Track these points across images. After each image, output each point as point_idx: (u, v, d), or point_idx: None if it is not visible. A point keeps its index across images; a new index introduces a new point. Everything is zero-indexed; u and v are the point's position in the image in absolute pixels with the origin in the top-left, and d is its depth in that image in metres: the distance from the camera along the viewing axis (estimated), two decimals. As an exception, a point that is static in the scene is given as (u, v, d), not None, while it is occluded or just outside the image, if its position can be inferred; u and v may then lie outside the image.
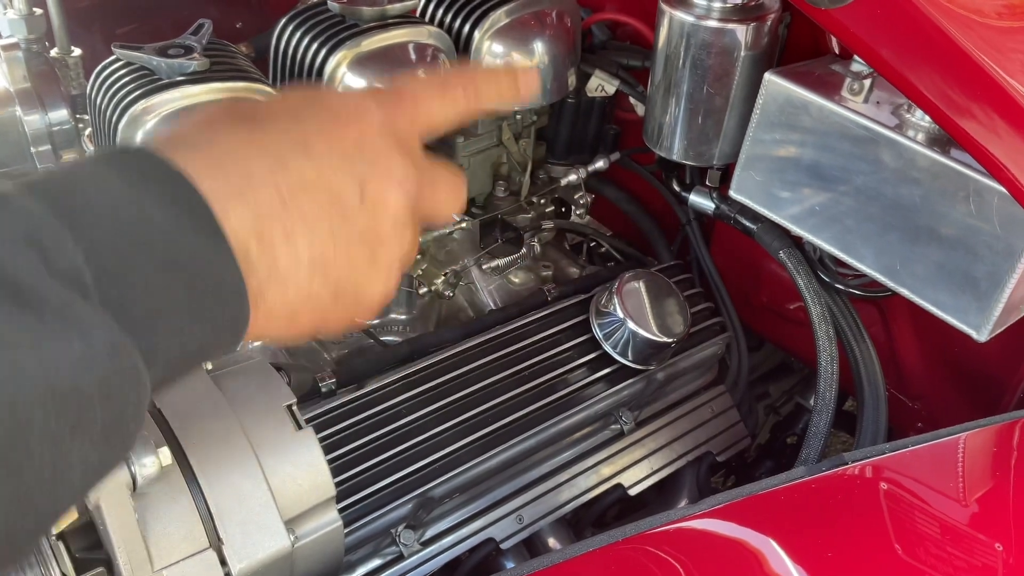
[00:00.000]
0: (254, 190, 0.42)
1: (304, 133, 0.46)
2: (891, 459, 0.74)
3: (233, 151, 0.43)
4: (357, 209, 0.46)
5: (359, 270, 0.48)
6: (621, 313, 1.08)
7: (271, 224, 0.43)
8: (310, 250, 0.44)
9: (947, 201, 0.89)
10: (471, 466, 0.98)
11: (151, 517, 0.62)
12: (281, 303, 0.44)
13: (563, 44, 1.19)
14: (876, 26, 0.66)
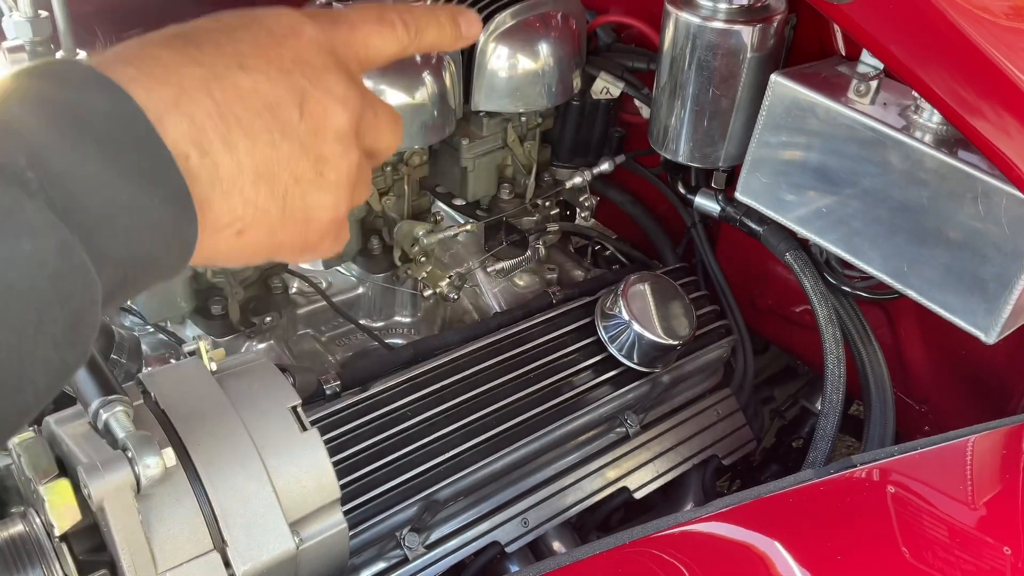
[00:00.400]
0: (189, 100, 0.42)
1: (238, 48, 0.45)
2: (899, 462, 0.74)
3: (166, 64, 0.43)
4: (297, 123, 0.46)
5: (305, 185, 0.47)
6: (626, 315, 1.07)
7: (209, 132, 0.43)
8: (252, 159, 0.44)
9: (955, 203, 0.88)
10: (476, 469, 0.97)
11: (155, 519, 0.62)
12: (228, 213, 0.44)
13: (568, 46, 1.19)
14: (887, 21, 0.66)
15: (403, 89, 1.05)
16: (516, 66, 1.16)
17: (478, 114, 1.20)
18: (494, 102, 1.17)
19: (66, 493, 0.62)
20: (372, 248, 1.17)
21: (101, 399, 0.62)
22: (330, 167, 0.48)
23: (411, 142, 1.09)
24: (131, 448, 0.59)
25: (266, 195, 0.45)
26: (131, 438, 0.60)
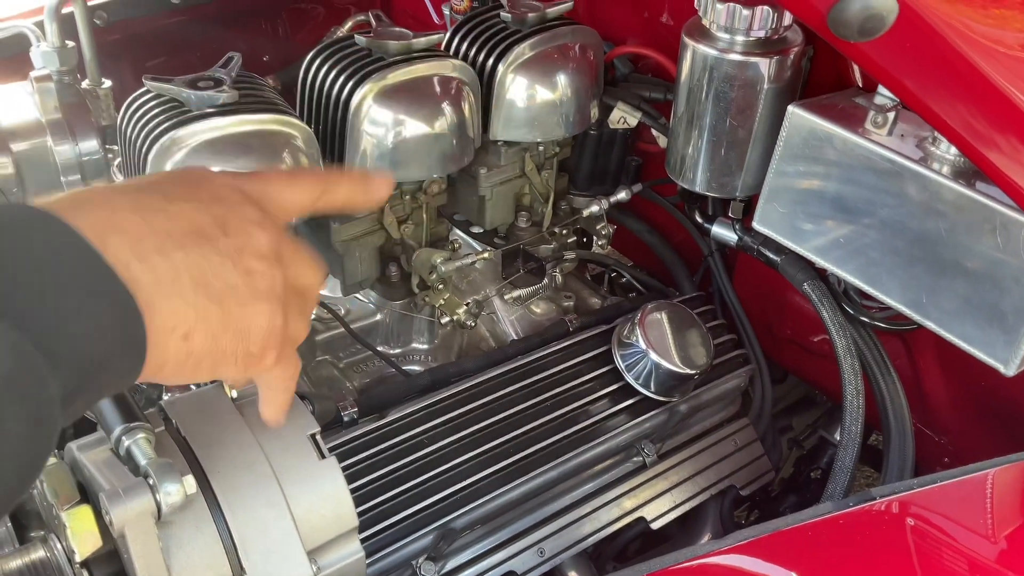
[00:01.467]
0: (122, 219, 0.48)
1: (161, 188, 0.52)
2: (918, 495, 0.73)
3: (99, 197, 0.49)
4: (223, 240, 0.51)
5: (239, 293, 0.52)
6: (644, 344, 1.07)
7: (144, 243, 0.48)
8: (187, 266, 0.49)
9: (973, 234, 0.88)
10: (492, 497, 0.97)
11: (175, 546, 0.62)
12: (172, 315, 0.48)
13: (586, 77, 1.20)
14: (904, 59, 0.66)
15: (423, 119, 1.06)
16: (534, 96, 1.17)
17: (496, 143, 1.21)
18: (512, 132, 1.18)
19: (88, 519, 0.62)
20: (390, 275, 1.18)
21: (123, 426, 0.63)
22: (259, 278, 0.53)
23: (430, 171, 1.10)
24: (152, 475, 0.60)
25: (205, 299, 0.50)
26: (152, 465, 0.60)
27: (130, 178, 0.54)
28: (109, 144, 1.21)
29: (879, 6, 0.59)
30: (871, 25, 0.61)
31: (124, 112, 1.01)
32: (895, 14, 0.60)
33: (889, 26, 0.60)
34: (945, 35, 0.63)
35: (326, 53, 1.09)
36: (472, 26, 1.19)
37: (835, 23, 0.61)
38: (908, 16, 0.61)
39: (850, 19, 0.60)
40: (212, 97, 0.94)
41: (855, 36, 0.61)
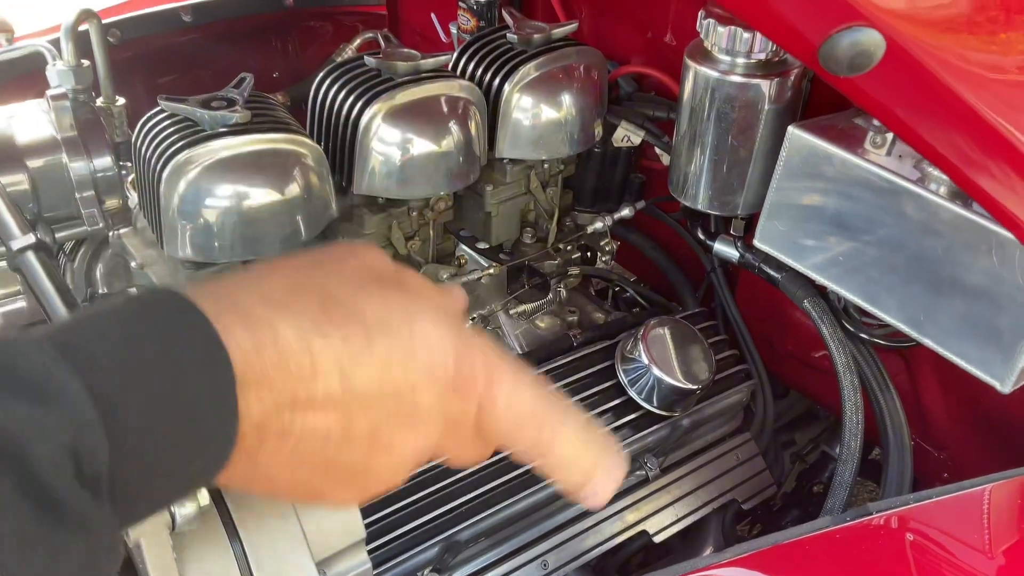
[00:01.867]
0: (280, 389, 0.40)
1: (378, 351, 0.42)
2: (916, 509, 0.75)
3: (294, 337, 0.40)
4: (369, 453, 0.44)
5: (332, 487, 0.46)
6: (646, 359, 1.09)
7: (283, 418, 0.40)
8: (291, 463, 0.43)
9: (970, 254, 0.90)
10: (497, 510, 0.99)
11: (188, 557, 0.64)
12: (245, 475, 0.42)
13: (590, 96, 1.22)
14: (892, 92, 0.68)
15: (430, 138, 1.08)
16: (539, 115, 1.19)
17: (502, 161, 1.23)
18: (518, 150, 1.21)
19: (104, 530, 0.64)
20: (397, 291, 1.20)
21: (139, 439, 0.65)
22: (368, 484, 0.47)
23: (437, 188, 1.12)
24: (168, 487, 0.61)
25: (290, 482, 0.44)
26: (168, 478, 0.62)
27: (358, 295, 0.44)
28: (123, 160, 1.24)
29: (867, 43, 0.61)
30: (860, 61, 0.63)
31: (139, 131, 1.03)
32: (883, 50, 0.62)
33: (877, 62, 0.63)
34: (932, 69, 0.65)
35: (336, 73, 1.11)
36: (479, 47, 1.21)
37: (825, 59, 0.64)
38: (895, 52, 0.63)
39: (839, 56, 0.62)
40: (225, 117, 0.97)
41: (844, 71, 0.63)
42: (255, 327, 0.39)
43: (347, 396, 0.41)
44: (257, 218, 0.98)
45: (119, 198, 1.24)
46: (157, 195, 0.97)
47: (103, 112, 1.25)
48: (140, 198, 1.06)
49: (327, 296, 0.43)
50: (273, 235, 1.00)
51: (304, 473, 0.43)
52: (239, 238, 0.98)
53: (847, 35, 0.60)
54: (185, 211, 0.96)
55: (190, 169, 0.95)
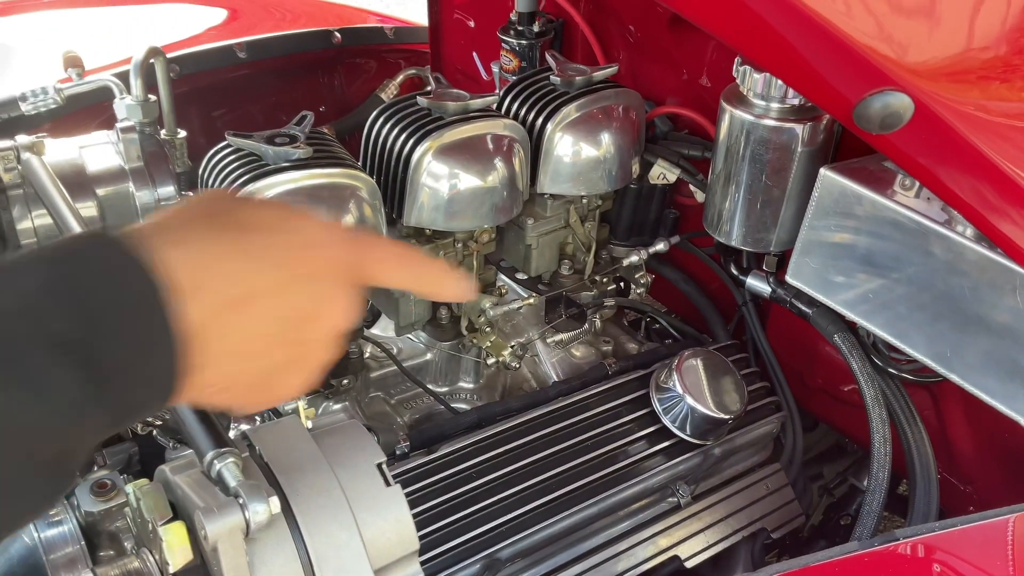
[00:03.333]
0: (210, 290, 0.50)
1: (267, 250, 0.54)
2: (942, 536, 0.78)
3: (201, 251, 0.51)
4: (300, 322, 0.55)
5: (284, 371, 0.57)
6: (680, 389, 1.13)
7: (218, 319, 0.51)
8: (246, 346, 0.53)
9: (995, 293, 0.94)
10: (537, 530, 1.03)
11: (258, 561, 0.69)
12: (212, 380, 0.53)
13: (628, 136, 1.28)
14: (920, 147, 0.73)
15: (476, 173, 1.14)
16: (579, 153, 1.25)
17: (543, 196, 1.28)
18: (558, 186, 1.26)
19: (182, 534, 0.69)
20: (440, 318, 1.25)
21: (215, 451, 0.70)
22: (311, 356, 0.58)
23: (482, 221, 1.17)
24: (243, 495, 0.67)
25: (248, 373, 0.55)
26: (243, 487, 0.67)
27: (261, 218, 0.56)
28: (184, 190, 1.31)
29: (897, 105, 0.66)
30: (890, 121, 0.68)
31: (206, 163, 1.10)
32: (911, 112, 0.67)
33: (906, 122, 0.67)
34: (955, 126, 0.69)
35: (390, 112, 1.17)
36: (523, 87, 1.28)
37: (859, 119, 0.69)
38: (923, 112, 0.68)
39: (871, 116, 0.67)
40: (288, 152, 1.03)
41: (876, 130, 0.69)
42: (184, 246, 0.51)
43: (267, 284, 0.53)
44: (315, 247, 1.04)
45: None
46: (222, 224, 1.03)
47: (166, 144, 1.33)
48: (204, 226, 1.13)
49: (229, 220, 0.55)
50: (328, 263, 1.06)
51: (255, 362, 0.54)
52: (297, 266, 1.04)
53: (879, 98, 0.65)
54: (248, 239, 1.02)
55: (254, 200, 1.01)
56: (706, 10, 0.76)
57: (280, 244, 0.55)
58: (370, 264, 0.60)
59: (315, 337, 0.57)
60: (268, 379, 0.57)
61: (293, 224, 0.57)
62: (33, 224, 1.17)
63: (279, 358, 0.56)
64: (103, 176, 1.26)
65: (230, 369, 0.54)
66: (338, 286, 0.57)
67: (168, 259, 0.49)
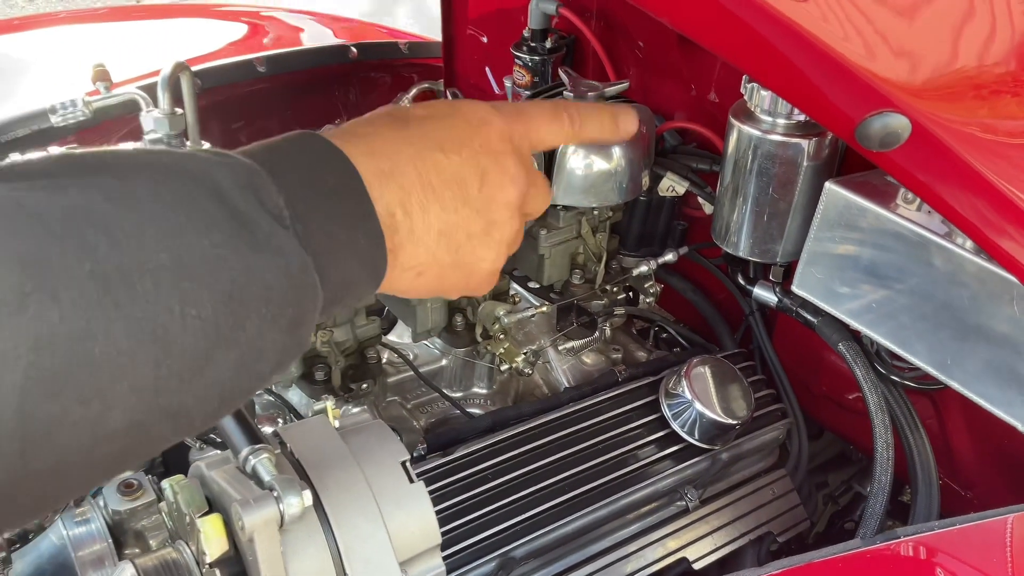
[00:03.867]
0: (400, 173, 0.57)
1: (441, 134, 0.60)
2: (943, 535, 0.81)
3: (387, 142, 0.58)
4: (477, 194, 0.61)
5: (475, 242, 0.62)
6: (689, 395, 1.17)
7: (411, 197, 0.57)
8: (439, 220, 0.59)
9: (994, 303, 0.97)
10: (550, 530, 1.07)
11: (291, 552, 0.72)
12: (413, 259, 0.59)
13: (639, 149, 1.32)
14: (919, 165, 0.77)
15: (492, 185, 1.18)
16: (591, 166, 1.29)
17: (556, 208, 1.32)
18: (571, 197, 1.30)
19: (219, 526, 0.73)
20: (456, 325, 1.29)
21: (250, 447, 0.74)
22: (496, 228, 0.63)
23: (497, 232, 1.21)
24: (278, 489, 0.70)
25: (444, 248, 0.60)
26: (277, 480, 0.71)
27: (420, 111, 0.63)
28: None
29: (895, 126, 0.70)
30: (889, 140, 0.72)
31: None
32: (909, 132, 0.71)
33: (904, 141, 0.72)
34: (952, 146, 0.73)
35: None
36: (537, 102, 1.32)
37: (860, 138, 0.73)
38: (920, 132, 0.72)
39: (872, 135, 0.72)
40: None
41: (876, 148, 0.73)
42: (375, 139, 0.58)
43: (450, 162, 0.60)
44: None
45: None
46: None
47: (192, 155, 1.37)
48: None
49: (409, 115, 0.62)
50: (350, 271, 1.10)
51: (450, 237, 0.60)
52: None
53: (878, 119, 0.70)
54: (274, 248, 1.06)
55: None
56: (714, 34, 0.80)
57: (454, 126, 0.62)
58: (531, 130, 0.67)
59: (499, 204, 0.62)
60: (464, 255, 0.62)
61: (461, 109, 0.63)
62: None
63: (472, 228, 0.61)
64: (131, 186, 1.30)
65: (429, 245, 0.59)
66: (507, 155, 0.63)
67: (364, 151, 0.56)
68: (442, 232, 0.59)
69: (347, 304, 0.59)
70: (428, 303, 1.24)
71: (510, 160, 0.63)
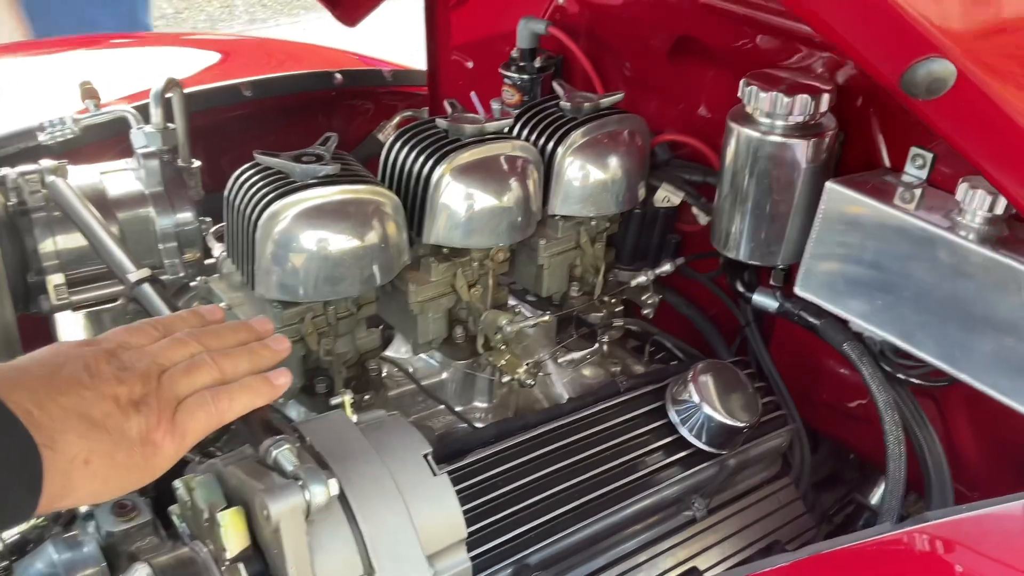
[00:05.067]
0: (26, 379, 0.61)
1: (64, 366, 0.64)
2: (973, 518, 0.81)
3: (17, 367, 0.63)
4: (90, 380, 0.64)
5: (116, 417, 0.63)
6: (697, 398, 1.16)
7: (39, 393, 0.61)
8: (74, 408, 0.62)
9: (1000, 293, 0.98)
10: (565, 535, 1.04)
11: (316, 545, 0.70)
12: (71, 445, 0.60)
13: (635, 159, 1.33)
14: (962, 117, 0.78)
15: (493, 192, 1.18)
16: (589, 176, 1.29)
17: (554, 218, 1.32)
18: (569, 207, 1.30)
19: (240, 520, 0.70)
20: (456, 337, 1.27)
21: (271, 439, 0.72)
22: (123, 397, 0.65)
23: (499, 239, 1.21)
24: (303, 477, 0.68)
25: (89, 427, 0.62)
26: (302, 469, 0.69)
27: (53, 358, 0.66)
28: (202, 216, 1.33)
29: (941, 71, 0.72)
30: (936, 86, 0.73)
31: (232, 184, 1.12)
32: (954, 78, 0.73)
33: (950, 87, 0.73)
34: (997, 95, 0.75)
35: (408, 135, 1.21)
36: (533, 114, 1.32)
37: (907, 84, 0.74)
38: (965, 81, 0.74)
39: (919, 81, 0.73)
40: (315, 169, 1.06)
41: (923, 95, 0.74)
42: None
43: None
44: (342, 261, 1.06)
45: (197, 250, 1.33)
46: (251, 240, 1.05)
47: (185, 171, 1.35)
48: (229, 245, 1.15)
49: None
50: (354, 277, 1.08)
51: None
52: (324, 279, 1.06)
53: (924, 65, 0.71)
54: (278, 253, 1.04)
55: (284, 215, 1.03)
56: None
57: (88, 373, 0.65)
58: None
59: (111, 388, 0.65)
60: (111, 429, 0.63)
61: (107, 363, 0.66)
62: (56, 247, 1.19)
63: (99, 409, 0.63)
64: (124, 200, 1.28)
65: (72, 432, 0.61)
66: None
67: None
68: (80, 415, 0.61)
69: (3, 524, 0.61)
70: (429, 313, 1.23)
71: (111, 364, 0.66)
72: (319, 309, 1.12)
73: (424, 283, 1.20)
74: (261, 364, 0.72)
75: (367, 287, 1.12)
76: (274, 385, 0.71)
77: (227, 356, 0.71)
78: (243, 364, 0.71)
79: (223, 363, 0.70)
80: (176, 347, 0.70)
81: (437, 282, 1.21)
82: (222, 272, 1.18)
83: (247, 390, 0.70)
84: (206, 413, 0.67)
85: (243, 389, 0.70)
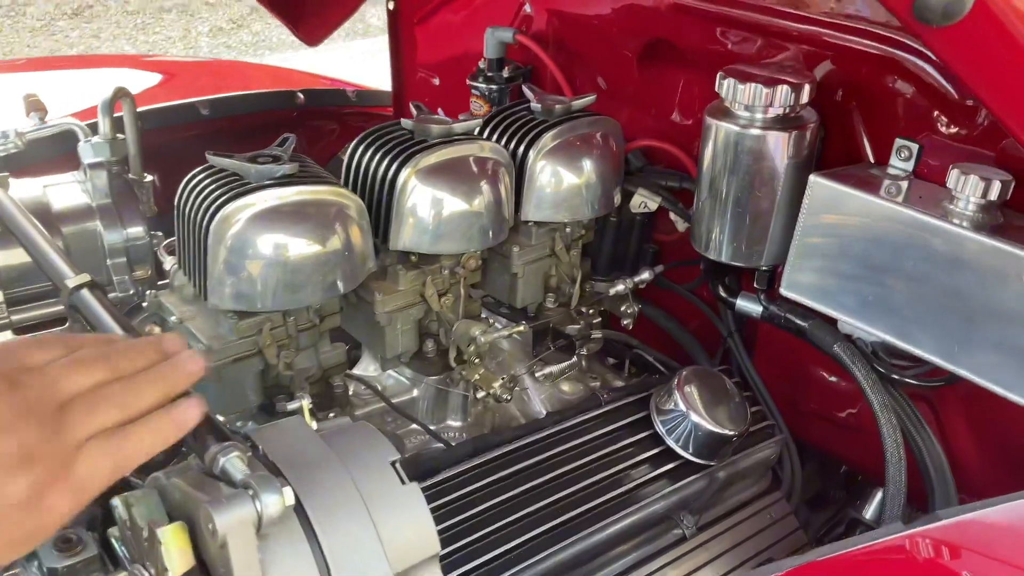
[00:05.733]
0: None
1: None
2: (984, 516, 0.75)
3: None
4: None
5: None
6: (684, 406, 1.10)
7: None
8: None
9: (999, 282, 0.93)
10: (548, 555, 0.97)
11: (270, 560, 0.62)
12: None
13: (609, 163, 1.28)
14: (977, 47, 0.74)
15: (462, 195, 1.12)
16: (562, 180, 1.24)
17: (527, 224, 1.26)
18: (542, 212, 1.25)
19: (183, 537, 0.62)
20: (427, 351, 1.20)
21: (218, 445, 0.64)
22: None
23: (469, 245, 1.15)
24: (253, 486, 0.60)
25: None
26: (252, 477, 0.61)
27: None
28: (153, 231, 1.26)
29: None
30: (953, 10, 0.69)
31: (183, 188, 1.05)
32: (972, 1, 0.69)
33: (968, 10, 0.68)
34: (1011, 27, 0.70)
35: (372, 136, 1.15)
36: (503, 117, 1.27)
37: (921, 10, 0.69)
38: (981, 7, 0.69)
39: (934, 4, 0.68)
40: (272, 169, 1.00)
41: (939, 20, 0.69)
42: None
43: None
44: (301, 267, 0.99)
45: (148, 267, 1.25)
46: (203, 247, 0.98)
47: (136, 184, 1.28)
48: (180, 255, 1.07)
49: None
50: (315, 285, 1.01)
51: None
52: (283, 287, 0.99)
53: None
54: (231, 260, 0.97)
55: (237, 218, 0.96)
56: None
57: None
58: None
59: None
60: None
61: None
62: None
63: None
64: (69, 214, 1.20)
65: None
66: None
67: None
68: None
69: None
70: (397, 324, 1.16)
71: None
72: (278, 320, 1.05)
73: (391, 292, 1.13)
74: (172, 390, 0.61)
75: (329, 295, 1.05)
76: (178, 425, 0.60)
77: (132, 387, 0.60)
78: (149, 394, 0.60)
79: (127, 397, 0.60)
80: (80, 370, 0.59)
81: (405, 291, 1.15)
82: (173, 285, 1.11)
83: (152, 432, 0.59)
84: (112, 462, 0.57)
85: (149, 431, 0.59)
